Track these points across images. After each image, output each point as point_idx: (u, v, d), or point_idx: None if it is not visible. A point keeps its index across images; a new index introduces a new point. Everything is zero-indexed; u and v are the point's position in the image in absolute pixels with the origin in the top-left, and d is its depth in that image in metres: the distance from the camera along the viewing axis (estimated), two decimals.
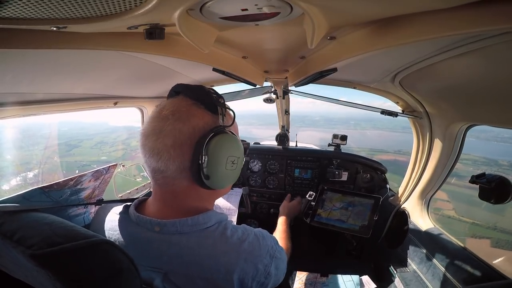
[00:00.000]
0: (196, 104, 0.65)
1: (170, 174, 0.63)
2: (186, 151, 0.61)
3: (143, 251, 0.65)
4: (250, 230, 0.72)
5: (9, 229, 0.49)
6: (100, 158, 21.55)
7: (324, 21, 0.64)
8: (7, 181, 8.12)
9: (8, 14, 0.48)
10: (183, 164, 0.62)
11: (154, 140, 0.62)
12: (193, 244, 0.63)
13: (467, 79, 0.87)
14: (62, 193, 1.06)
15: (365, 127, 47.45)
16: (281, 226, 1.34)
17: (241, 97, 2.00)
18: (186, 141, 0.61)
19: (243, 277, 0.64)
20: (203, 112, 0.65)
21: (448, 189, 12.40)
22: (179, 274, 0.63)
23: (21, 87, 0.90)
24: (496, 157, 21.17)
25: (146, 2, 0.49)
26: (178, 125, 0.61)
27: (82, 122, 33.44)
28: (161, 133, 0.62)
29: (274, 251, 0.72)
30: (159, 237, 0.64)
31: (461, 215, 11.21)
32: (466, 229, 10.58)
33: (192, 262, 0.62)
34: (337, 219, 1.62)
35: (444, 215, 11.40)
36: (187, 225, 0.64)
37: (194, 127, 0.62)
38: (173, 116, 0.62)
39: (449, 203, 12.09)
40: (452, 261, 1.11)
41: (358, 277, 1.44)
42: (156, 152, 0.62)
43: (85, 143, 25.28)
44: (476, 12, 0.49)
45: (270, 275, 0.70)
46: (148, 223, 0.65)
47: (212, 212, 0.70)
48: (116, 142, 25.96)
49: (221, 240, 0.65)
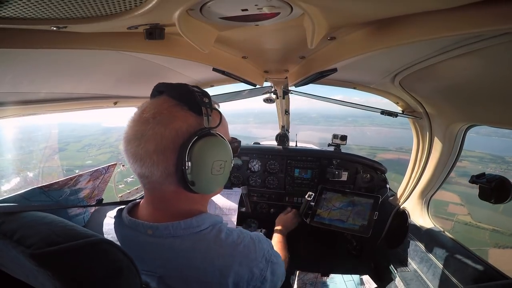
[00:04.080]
0: (179, 105, 0.62)
1: (155, 179, 0.61)
2: (169, 156, 0.59)
3: (137, 255, 0.63)
4: (246, 233, 0.70)
5: (9, 228, 0.49)
6: (84, 163, 21.08)
7: (324, 21, 0.64)
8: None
9: (8, 14, 0.48)
10: (168, 170, 0.60)
11: (136, 146, 0.59)
12: (187, 247, 0.62)
13: (467, 80, 0.87)
14: (62, 192, 1.06)
15: (363, 123, 47.26)
16: (276, 237, 1.34)
17: (241, 97, 2.00)
18: (168, 146, 0.59)
19: (238, 281, 0.63)
20: (186, 113, 0.61)
21: (460, 190, 11.62)
22: (174, 277, 0.62)
23: (21, 87, 0.90)
24: (501, 153, 20.78)
25: (146, 2, 0.49)
26: (159, 129, 0.58)
27: (74, 123, 32.94)
28: (142, 138, 0.59)
29: (270, 255, 0.71)
30: (152, 240, 0.63)
31: (479, 221, 10.36)
32: (487, 238, 9.77)
33: (187, 265, 0.61)
34: (337, 219, 1.62)
35: (460, 221, 10.35)
36: (180, 228, 0.63)
37: (177, 131, 0.59)
38: (153, 120, 0.59)
39: (463, 207, 11.24)
40: (453, 260, 1.11)
41: (358, 276, 1.44)
42: (139, 158, 0.59)
43: (72, 146, 24.68)
44: (476, 12, 0.49)
45: (266, 280, 0.68)
46: (141, 226, 0.64)
47: (205, 214, 0.68)
48: (104, 145, 25.57)
49: (215, 243, 0.64)
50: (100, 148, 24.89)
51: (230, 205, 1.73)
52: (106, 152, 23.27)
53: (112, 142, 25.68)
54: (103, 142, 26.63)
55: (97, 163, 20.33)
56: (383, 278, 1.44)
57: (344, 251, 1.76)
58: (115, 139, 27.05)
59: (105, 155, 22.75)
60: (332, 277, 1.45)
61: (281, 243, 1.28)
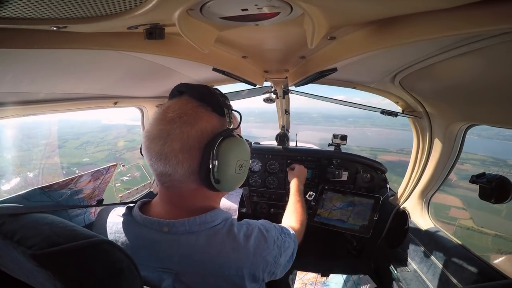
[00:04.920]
0: (202, 105, 0.64)
1: (177, 178, 0.63)
2: (194, 155, 0.61)
3: (152, 252, 0.64)
4: (253, 224, 0.72)
5: (10, 229, 0.49)
6: (81, 160, 20.84)
7: (324, 21, 0.64)
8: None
9: (8, 14, 0.48)
10: (192, 168, 0.62)
11: (161, 144, 0.60)
12: (203, 242, 0.63)
13: (467, 79, 0.87)
14: (62, 193, 1.06)
15: (364, 124, 47.08)
16: (293, 196, 1.28)
17: (241, 97, 2.00)
18: (194, 145, 0.61)
19: (254, 271, 0.65)
20: (210, 114, 0.64)
21: (461, 194, 11.43)
22: (190, 273, 0.63)
23: (21, 87, 0.90)
24: (503, 156, 20.67)
25: (146, 2, 0.49)
26: (186, 128, 0.60)
27: (73, 120, 32.69)
28: (168, 137, 0.60)
29: (281, 242, 0.73)
30: (168, 237, 0.64)
31: (481, 226, 10.21)
32: (489, 243, 9.75)
33: (203, 260, 0.62)
34: (337, 219, 1.62)
35: (462, 226, 10.12)
36: (196, 224, 0.64)
37: (202, 131, 0.61)
38: (180, 119, 0.61)
39: (465, 211, 11.02)
40: (452, 260, 1.11)
41: (358, 276, 1.44)
42: (164, 157, 0.60)
43: (70, 143, 24.42)
44: (476, 12, 0.49)
45: (280, 265, 0.72)
46: (156, 224, 0.65)
47: (218, 210, 0.70)
48: (102, 142, 25.43)
49: (229, 237, 0.65)
50: (98, 145, 24.77)
51: (230, 205, 1.73)
52: (104, 149, 23.19)
53: (110, 140, 25.60)
54: (101, 139, 26.54)
55: (94, 161, 20.04)
56: (383, 278, 1.44)
57: (344, 251, 1.76)
58: (114, 136, 26.97)
59: (102, 152, 22.63)
60: (332, 277, 1.45)
61: (300, 202, 1.23)
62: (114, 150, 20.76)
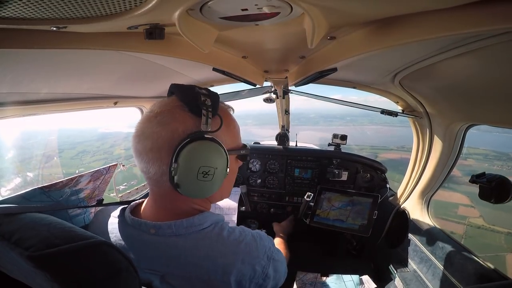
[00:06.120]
0: (181, 106, 0.63)
1: (152, 176, 0.64)
2: (163, 156, 0.60)
3: (140, 254, 0.64)
4: (247, 231, 0.71)
5: (8, 230, 0.49)
6: (76, 171, 20.82)
7: (324, 21, 0.64)
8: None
9: (8, 14, 0.48)
10: (162, 169, 0.62)
11: (136, 142, 0.63)
12: (190, 245, 0.63)
13: (467, 79, 0.87)
14: (62, 193, 1.06)
15: (363, 122, 47.05)
16: (276, 240, 1.39)
17: (241, 97, 2.00)
18: (164, 146, 0.60)
19: (241, 279, 0.63)
20: (186, 115, 0.62)
21: (468, 191, 11.00)
22: (177, 276, 0.62)
23: (21, 87, 0.90)
24: (506, 150, 20.20)
25: (146, 2, 0.49)
26: (157, 128, 0.61)
27: (70, 129, 32.56)
28: (142, 135, 0.62)
29: (272, 253, 0.71)
30: (156, 239, 0.64)
31: (492, 224, 9.92)
32: (502, 242, 9.23)
33: (190, 263, 0.62)
34: (336, 218, 1.62)
35: (472, 224, 9.62)
36: (182, 227, 0.64)
37: (173, 132, 0.60)
38: (155, 119, 0.62)
39: (473, 209, 10.62)
40: (452, 261, 1.11)
41: (358, 276, 1.44)
42: (138, 154, 0.63)
43: (66, 153, 24.41)
44: (476, 12, 0.49)
45: (269, 277, 0.68)
46: (144, 225, 0.65)
47: (207, 213, 0.69)
48: (99, 151, 25.38)
49: (217, 241, 0.64)
50: (94, 155, 24.80)
51: (230, 204, 1.73)
52: (100, 159, 23.22)
53: (106, 149, 25.56)
54: (97, 148, 26.53)
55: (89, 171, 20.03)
56: (383, 278, 1.44)
57: (344, 251, 1.76)
58: (110, 145, 26.91)
59: (98, 162, 22.59)
60: (331, 277, 1.45)
61: (282, 243, 1.30)
62: (110, 159, 20.64)
